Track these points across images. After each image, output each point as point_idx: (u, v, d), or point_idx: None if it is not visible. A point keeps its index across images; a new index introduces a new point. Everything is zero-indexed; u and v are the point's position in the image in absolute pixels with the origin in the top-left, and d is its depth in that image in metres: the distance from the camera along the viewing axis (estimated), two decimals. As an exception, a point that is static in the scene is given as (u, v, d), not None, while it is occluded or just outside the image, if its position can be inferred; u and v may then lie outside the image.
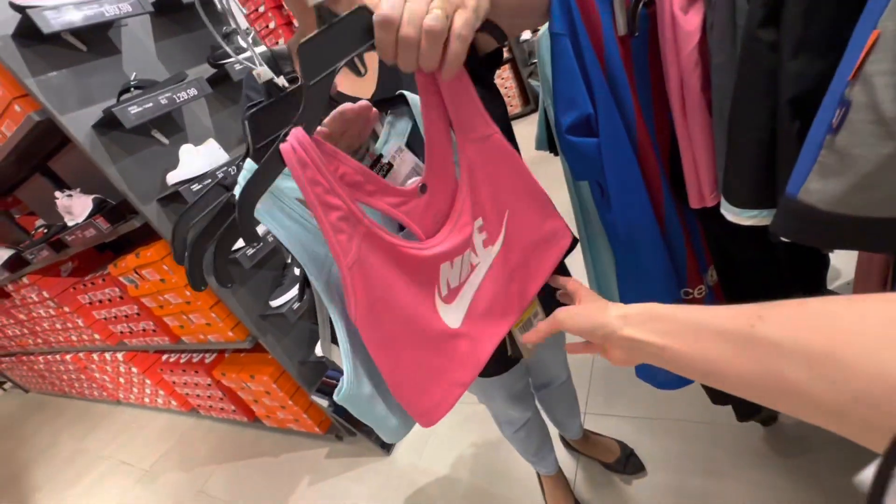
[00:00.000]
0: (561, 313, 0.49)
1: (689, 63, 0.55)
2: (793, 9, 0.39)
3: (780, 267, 0.80)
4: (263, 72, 0.48)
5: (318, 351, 1.79)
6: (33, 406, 4.26)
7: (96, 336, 2.50)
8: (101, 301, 2.14)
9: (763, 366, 0.27)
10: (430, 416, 0.51)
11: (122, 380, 2.89)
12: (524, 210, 0.55)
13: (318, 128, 0.46)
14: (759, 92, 0.44)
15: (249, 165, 0.42)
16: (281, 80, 0.49)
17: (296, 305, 1.67)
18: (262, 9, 3.05)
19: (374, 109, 0.51)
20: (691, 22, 0.53)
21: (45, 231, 1.87)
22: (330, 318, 0.54)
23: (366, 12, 0.37)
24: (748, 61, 0.44)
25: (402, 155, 0.53)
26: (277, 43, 3.15)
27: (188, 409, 2.75)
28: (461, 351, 0.51)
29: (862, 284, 0.71)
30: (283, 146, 0.38)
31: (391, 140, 0.54)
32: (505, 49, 0.64)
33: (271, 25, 3.10)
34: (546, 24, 0.72)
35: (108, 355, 2.71)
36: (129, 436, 3.00)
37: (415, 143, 0.54)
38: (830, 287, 1.57)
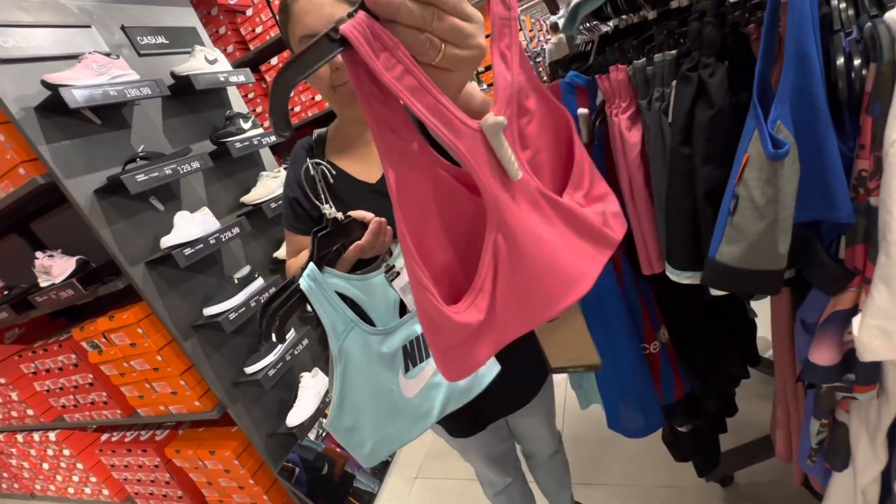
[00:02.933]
0: None
1: (634, 165, 0.75)
2: (699, 135, 0.59)
3: (716, 328, 0.97)
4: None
5: (290, 422, 1.74)
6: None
7: (29, 412, 2.27)
8: (48, 370, 2.00)
9: None
10: (456, 363, 0.40)
11: (45, 465, 2.57)
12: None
13: (357, 243, 0.67)
14: (683, 188, 0.63)
15: (312, 267, 0.64)
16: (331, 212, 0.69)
17: (271, 372, 1.66)
18: (251, 95, 3.33)
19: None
20: (633, 137, 0.74)
21: (6, 293, 1.79)
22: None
23: None
24: (674, 167, 0.63)
25: None
26: (264, 125, 3.39)
27: (122, 497, 2.45)
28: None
29: (777, 351, 0.87)
30: (344, 26, 0.30)
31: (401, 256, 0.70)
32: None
33: (258, 109, 3.37)
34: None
35: (36, 435, 2.43)
36: (41, 536, 2.58)
37: None
38: (764, 355, 1.77)
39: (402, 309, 0.73)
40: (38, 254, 1.53)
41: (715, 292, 0.64)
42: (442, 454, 1.96)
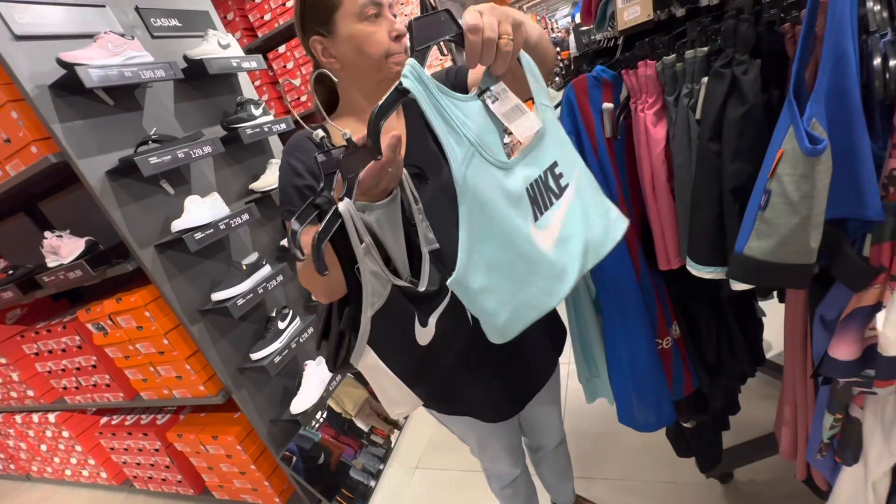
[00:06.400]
0: None
1: (658, 161, 0.76)
2: (729, 132, 0.60)
3: (728, 325, 0.98)
4: None
5: (294, 409, 1.75)
6: None
7: (29, 392, 2.27)
8: (51, 351, 2.00)
9: None
10: None
11: (43, 447, 2.56)
12: None
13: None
14: (710, 183, 0.64)
15: (412, 63, 0.50)
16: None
17: (277, 359, 1.67)
18: (257, 83, 3.31)
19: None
20: (659, 133, 0.74)
21: (11, 272, 1.79)
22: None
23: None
24: (702, 163, 0.64)
25: (507, 94, 0.58)
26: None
27: (120, 481, 2.45)
28: None
29: (790, 353, 0.88)
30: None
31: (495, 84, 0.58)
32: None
33: (265, 98, 3.35)
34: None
35: (35, 416, 2.43)
36: (37, 518, 2.58)
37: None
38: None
39: None
40: (48, 233, 1.53)
41: (737, 286, 0.65)
42: (442, 445, 1.98)
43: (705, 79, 0.64)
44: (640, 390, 0.96)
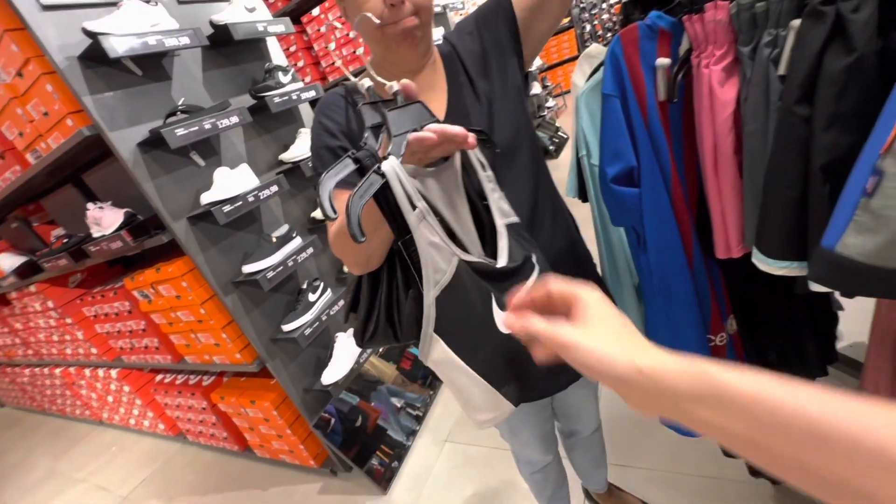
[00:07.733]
0: (568, 332, 0.35)
1: (723, 129, 0.62)
2: (826, 91, 0.46)
3: (795, 320, 0.85)
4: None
5: (325, 380, 1.78)
6: (7, 421, 4.08)
7: (93, 350, 2.47)
8: (106, 314, 2.13)
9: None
10: None
11: (110, 398, 2.82)
12: None
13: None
14: (792, 158, 0.51)
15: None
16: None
17: (307, 331, 1.68)
18: (292, 48, 3.25)
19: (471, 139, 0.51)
20: (727, 94, 0.61)
21: (66, 241, 1.89)
22: None
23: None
24: (784, 131, 0.51)
25: None
26: (305, 80, 3.31)
27: (175, 433, 2.66)
28: None
29: (877, 348, 0.75)
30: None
31: None
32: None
33: (300, 64, 3.29)
34: (583, 84, 0.80)
35: (100, 371, 2.65)
36: (108, 458, 2.87)
37: None
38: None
39: None
40: (90, 205, 1.58)
41: (817, 287, 0.52)
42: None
43: (796, 21, 0.49)
44: (684, 390, 0.85)
